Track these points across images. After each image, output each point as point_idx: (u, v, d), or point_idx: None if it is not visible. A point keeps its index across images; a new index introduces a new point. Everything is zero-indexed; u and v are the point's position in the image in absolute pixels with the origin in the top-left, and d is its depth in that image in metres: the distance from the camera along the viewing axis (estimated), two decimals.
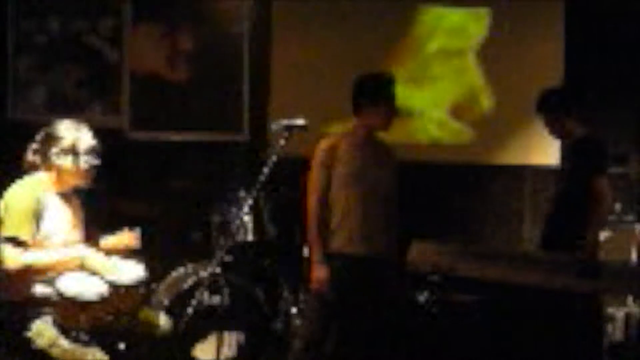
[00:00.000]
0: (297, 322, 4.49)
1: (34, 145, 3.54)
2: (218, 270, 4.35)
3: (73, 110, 5.50)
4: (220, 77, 5.63)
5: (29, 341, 3.26)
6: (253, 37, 5.63)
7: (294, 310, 4.59)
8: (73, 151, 3.48)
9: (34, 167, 3.52)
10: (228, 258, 4.48)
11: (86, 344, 3.27)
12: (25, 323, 3.29)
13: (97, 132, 3.70)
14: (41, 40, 5.60)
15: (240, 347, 4.43)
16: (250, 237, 4.63)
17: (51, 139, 3.49)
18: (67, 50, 5.59)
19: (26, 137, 3.59)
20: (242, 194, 4.50)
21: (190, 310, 3.33)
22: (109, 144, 5.19)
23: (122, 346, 3.41)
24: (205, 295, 4.29)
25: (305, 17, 5.62)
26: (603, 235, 4.52)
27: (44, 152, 3.50)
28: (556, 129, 4.44)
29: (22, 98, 5.60)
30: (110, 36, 5.61)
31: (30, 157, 3.54)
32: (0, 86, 5.57)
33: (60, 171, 3.50)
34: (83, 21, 5.58)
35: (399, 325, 3.92)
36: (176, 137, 5.60)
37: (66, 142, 3.47)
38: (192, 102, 5.62)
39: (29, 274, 3.33)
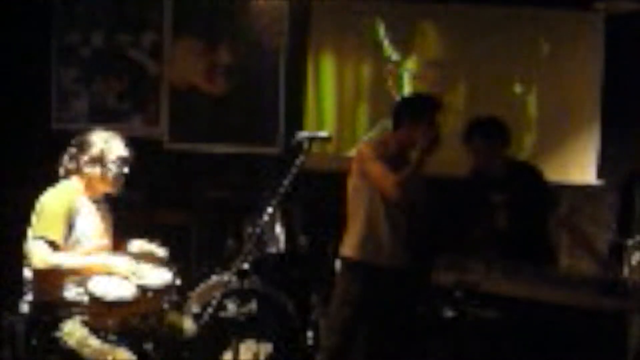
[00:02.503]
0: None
1: (70, 151, 3.67)
2: (234, 278, 4.41)
3: (114, 121, 5.64)
4: (257, 90, 5.72)
5: (60, 340, 3.37)
6: (290, 52, 5.73)
7: (323, 322, 4.63)
8: (101, 160, 3.60)
9: (69, 173, 3.66)
10: (246, 267, 4.53)
11: (114, 343, 3.37)
12: (57, 323, 3.40)
13: (137, 142, 3.82)
14: (84, 53, 5.74)
15: (269, 358, 4.48)
16: (281, 248, 4.70)
17: (83, 147, 3.62)
18: (109, 62, 5.74)
19: (69, 147, 3.73)
20: (273, 205, 4.57)
21: (214, 316, 3.39)
22: (148, 154, 5.38)
23: (149, 347, 3.50)
24: (235, 304, 4.35)
25: (341, 32, 5.68)
26: None
27: (76, 159, 3.63)
28: (492, 157, 4.22)
29: (65, 109, 5.75)
30: (151, 50, 5.74)
31: (66, 162, 3.67)
32: (44, 97, 5.71)
33: (89, 178, 3.63)
34: (125, 35, 5.73)
35: (420, 339, 3.95)
36: (213, 148, 5.71)
37: (95, 151, 3.60)
38: (229, 115, 5.73)
39: (57, 275, 3.43)
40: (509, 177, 4.20)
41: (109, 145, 3.64)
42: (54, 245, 3.42)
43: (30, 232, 3.48)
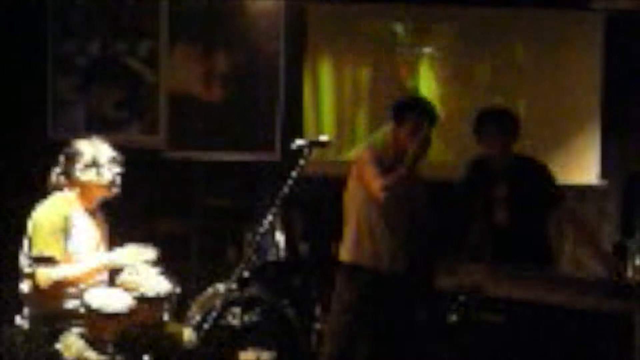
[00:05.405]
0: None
1: (57, 168, 3.66)
2: (235, 286, 4.37)
3: (111, 130, 5.61)
4: (255, 97, 5.70)
5: (58, 353, 3.34)
6: (287, 57, 5.70)
7: (325, 327, 4.60)
8: (95, 164, 3.59)
9: (58, 188, 3.64)
10: (247, 275, 4.50)
11: (113, 356, 3.35)
12: (54, 336, 3.37)
13: (135, 151, 3.79)
14: (81, 62, 5.72)
15: None
16: (282, 255, 4.67)
17: (72, 157, 3.61)
18: (106, 71, 5.71)
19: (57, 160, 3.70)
20: (272, 212, 4.55)
21: (215, 325, 3.36)
22: (147, 163, 5.36)
23: (147, 358, 3.46)
24: (237, 313, 4.33)
25: (338, 35, 5.66)
26: None
27: (67, 172, 3.61)
28: (502, 147, 4.14)
29: (62, 118, 5.73)
30: (148, 58, 5.72)
31: (54, 179, 3.66)
32: (41, 106, 5.69)
33: (85, 186, 3.61)
34: (121, 43, 5.70)
35: (424, 344, 3.92)
36: (211, 156, 5.68)
37: (87, 157, 3.59)
38: (227, 122, 5.70)
39: (60, 288, 3.42)
40: (511, 171, 4.13)
41: (98, 149, 3.64)
42: (54, 261, 3.40)
43: (27, 250, 3.46)
